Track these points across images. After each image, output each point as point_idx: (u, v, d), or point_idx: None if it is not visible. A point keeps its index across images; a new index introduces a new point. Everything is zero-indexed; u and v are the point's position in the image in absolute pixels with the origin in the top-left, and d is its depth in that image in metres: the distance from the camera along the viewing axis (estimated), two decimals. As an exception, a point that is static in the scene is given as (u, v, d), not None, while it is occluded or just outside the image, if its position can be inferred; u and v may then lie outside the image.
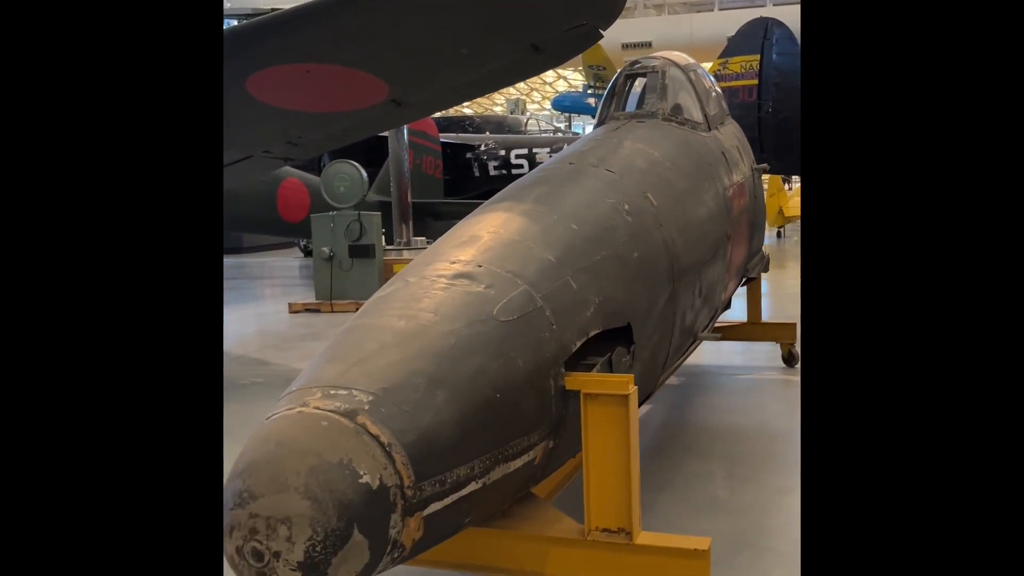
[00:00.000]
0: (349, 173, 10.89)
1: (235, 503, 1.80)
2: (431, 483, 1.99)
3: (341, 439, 1.87)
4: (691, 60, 5.35)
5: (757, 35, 14.43)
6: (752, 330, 6.28)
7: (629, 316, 2.96)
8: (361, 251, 10.52)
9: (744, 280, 5.69)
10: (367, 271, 10.54)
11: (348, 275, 10.56)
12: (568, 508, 2.78)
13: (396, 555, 1.95)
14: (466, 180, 15.50)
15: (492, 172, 15.47)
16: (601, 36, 5.73)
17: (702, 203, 4.10)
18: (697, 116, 4.83)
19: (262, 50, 5.47)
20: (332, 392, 1.99)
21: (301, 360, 7.59)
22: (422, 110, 7.40)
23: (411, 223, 12.22)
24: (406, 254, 12.15)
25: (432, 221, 13.97)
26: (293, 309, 10.62)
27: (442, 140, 14.94)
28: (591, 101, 27.96)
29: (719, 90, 5.61)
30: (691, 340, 4.07)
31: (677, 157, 4.18)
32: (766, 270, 5.98)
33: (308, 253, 17.94)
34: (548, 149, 15.09)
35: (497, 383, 2.24)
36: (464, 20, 5.30)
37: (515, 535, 2.65)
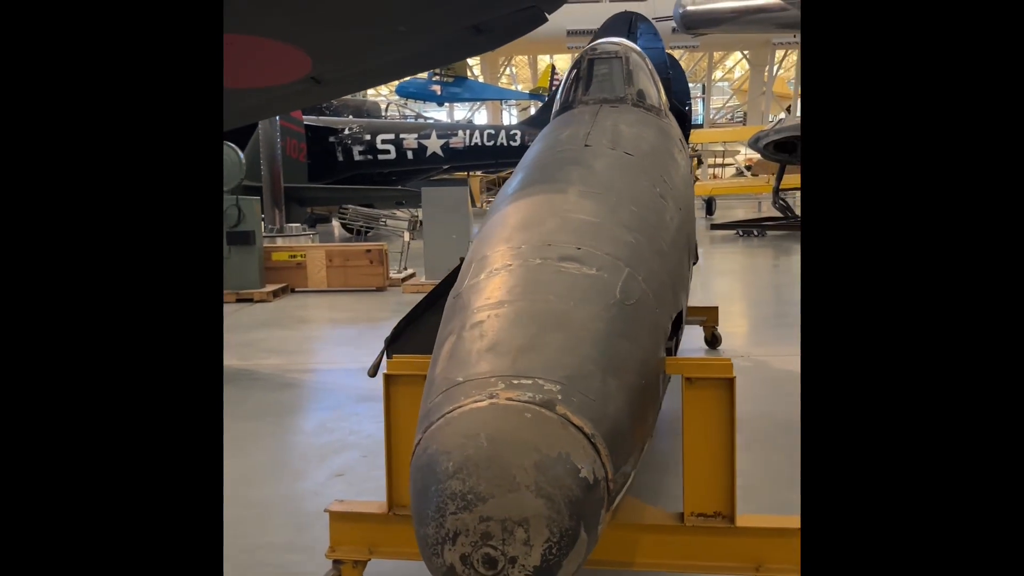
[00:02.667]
0: (226, 155, 10.22)
1: (457, 506, 1.61)
2: (620, 475, 1.89)
3: (552, 431, 1.73)
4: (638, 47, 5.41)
5: (622, 29, 14.83)
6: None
7: (683, 300, 2.95)
8: (240, 238, 9.91)
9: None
10: (247, 259, 9.95)
11: (226, 263, 9.93)
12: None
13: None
14: (329, 165, 14.93)
15: (357, 157, 14.99)
16: (546, 20, 5.68)
17: (687, 186, 4.17)
18: (656, 102, 4.90)
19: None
20: (516, 382, 1.84)
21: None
22: (341, 89, 7.07)
23: (283, 208, 11.67)
24: (279, 241, 11.61)
25: (296, 207, 13.39)
26: (164, 300, 9.86)
27: (304, 123, 14.33)
28: (436, 88, 27.77)
29: (657, 77, 5.69)
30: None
31: (661, 142, 4.22)
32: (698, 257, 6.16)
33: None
34: (416, 135, 14.81)
35: (640, 368, 2.16)
36: (408, -6, 5.09)
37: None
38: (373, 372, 2.96)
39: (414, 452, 1.84)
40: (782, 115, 34.12)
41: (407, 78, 29.29)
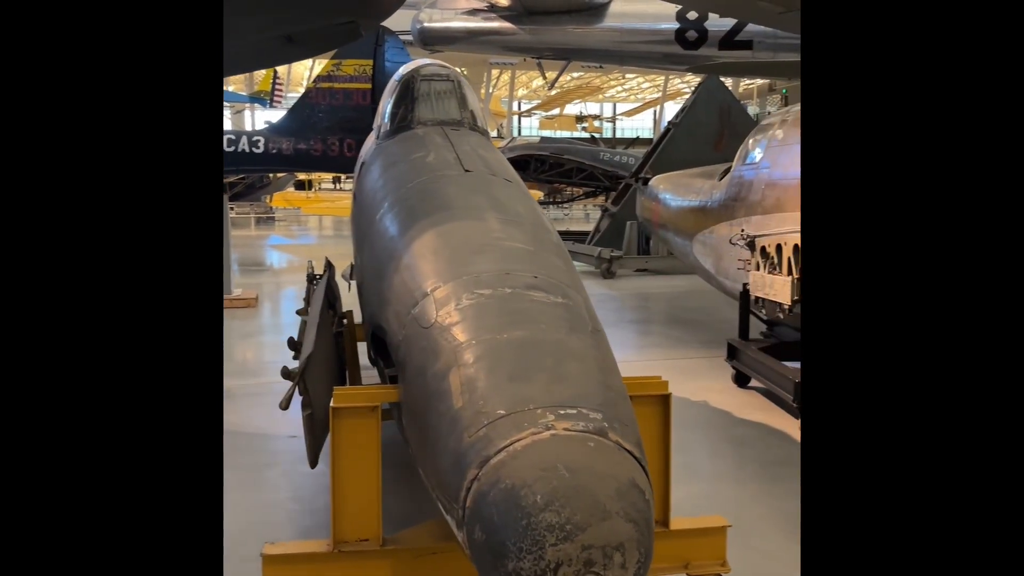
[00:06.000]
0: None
1: (558, 537, 1.65)
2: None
3: (615, 458, 1.83)
4: (455, 69, 5.53)
5: (369, 41, 14.85)
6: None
7: None
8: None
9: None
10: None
11: None
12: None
13: None
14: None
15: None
16: (362, 35, 5.64)
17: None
18: (484, 124, 5.05)
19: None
20: (562, 412, 1.90)
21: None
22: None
23: None
24: None
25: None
26: None
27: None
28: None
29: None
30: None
31: (510, 165, 4.38)
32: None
33: None
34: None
35: (626, 392, 2.30)
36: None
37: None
38: (286, 405, 2.82)
39: (470, 488, 1.84)
40: (493, 132, 35.43)
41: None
